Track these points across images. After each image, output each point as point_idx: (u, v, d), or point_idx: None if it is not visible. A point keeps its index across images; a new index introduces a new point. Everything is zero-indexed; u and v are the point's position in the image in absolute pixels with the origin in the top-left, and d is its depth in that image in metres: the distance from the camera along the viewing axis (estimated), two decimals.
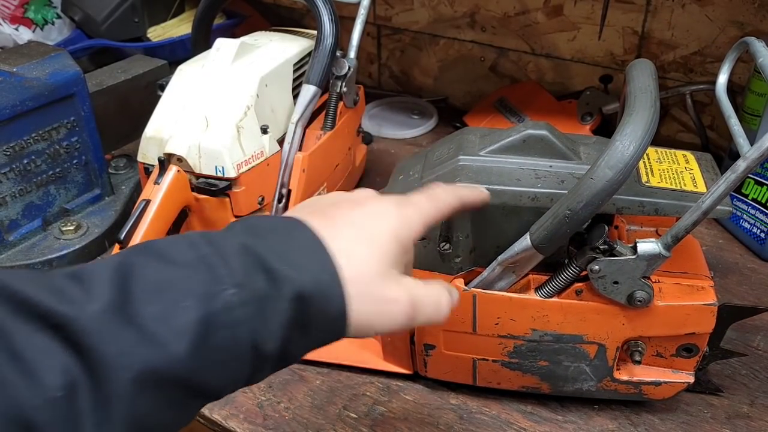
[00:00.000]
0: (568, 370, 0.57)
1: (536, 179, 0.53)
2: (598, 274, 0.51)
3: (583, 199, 0.46)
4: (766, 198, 0.76)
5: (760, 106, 0.77)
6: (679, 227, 0.48)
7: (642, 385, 0.57)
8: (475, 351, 0.58)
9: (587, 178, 0.46)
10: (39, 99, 0.73)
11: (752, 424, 0.58)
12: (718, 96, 0.58)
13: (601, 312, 0.54)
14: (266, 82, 0.70)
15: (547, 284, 0.54)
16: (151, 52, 1.06)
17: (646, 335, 0.55)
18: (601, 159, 0.46)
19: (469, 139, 0.58)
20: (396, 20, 1.13)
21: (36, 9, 1.08)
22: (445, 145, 0.60)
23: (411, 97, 1.17)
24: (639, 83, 0.50)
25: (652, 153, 0.59)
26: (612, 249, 0.51)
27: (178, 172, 0.64)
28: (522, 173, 0.54)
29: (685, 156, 0.59)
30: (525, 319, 0.55)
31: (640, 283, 0.51)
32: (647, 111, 0.47)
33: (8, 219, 0.75)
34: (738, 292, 0.72)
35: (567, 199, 0.47)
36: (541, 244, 0.50)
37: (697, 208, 0.47)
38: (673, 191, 0.53)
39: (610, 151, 0.46)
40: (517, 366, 0.58)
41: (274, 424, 0.59)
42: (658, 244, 0.50)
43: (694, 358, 0.56)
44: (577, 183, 0.47)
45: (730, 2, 0.86)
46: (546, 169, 0.54)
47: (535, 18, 1.01)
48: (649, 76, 0.51)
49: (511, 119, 0.99)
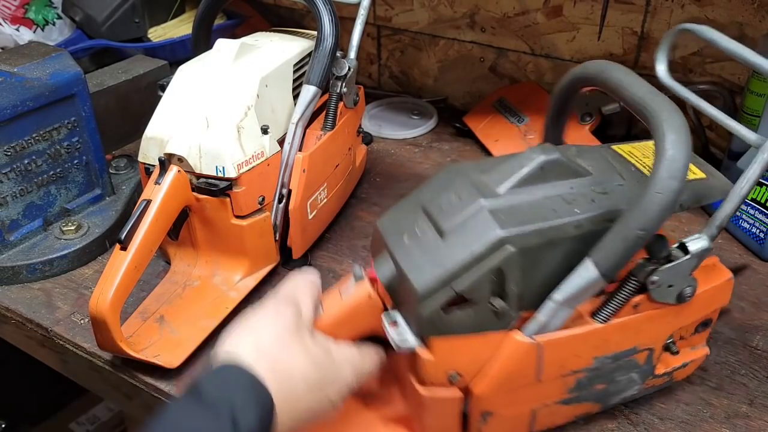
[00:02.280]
0: (620, 383, 0.56)
1: (568, 205, 0.50)
2: (657, 284, 0.50)
3: (655, 215, 0.45)
4: (765, 198, 0.76)
5: (759, 106, 0.78)
6: (721, 217, 0.49)
7: (673, 372, 0.58)
8: (536, 400, 0.54)
9: (652, 193, 0.45)
10: (40, 99, 0.73)
11: (751, 423, 0.58)
12: (663, 83, 0.59)
13: (654, 318, 0.53)
14: (266, 82, 0.70)
15: (604, 308, 0.52)
16: (152, 52, 1.07)
17: (684, 325, 0.55)
18: (659, 171, 0.45)
19: (474, 178, 0.53)
20: (396, 21, 1.13)
21: (37, 9, 1.08)
22: (443, 190, 0.53)
23: (411, 97, 1.17)
24: (639, 88, 0.50)
25: (635, 151, 0.58)
26: (669, 256, 0.50)
27: (178, 172, 0.64)
28: (553, 203, 0.50)
29: None
30: (588, 350, 0.52)
31: (690, 280, 0.52)
32: (675, 112, 0.47)
33: (9, 219, 0.75)
34: (738, 292, 0.72)
35: (633, 220, 0.46)
36: (610, 271, 0.47)
37: (736, 195, 0.48)
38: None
39: (666, 162, 0.45)
40: (575, 399, 0.55)
41: None
42: (705, 238, 0.50)
43: (707, 330, 0.57)
44: (637, 200, 0.46)
45: (729, 2, 0.86)
46: (569, 191, 0.51)
47: (535, 18, 1.01)
48: (637, 77, 0.51)
49: (511, 119, 0.99)
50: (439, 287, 0.48)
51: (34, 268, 0.75)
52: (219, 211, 0.68)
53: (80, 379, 0.73)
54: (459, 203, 0.51)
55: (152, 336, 0.64)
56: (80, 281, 0.76)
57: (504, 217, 0.49)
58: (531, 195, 0.51)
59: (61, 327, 0.69)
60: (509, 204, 0.50)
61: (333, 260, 0.79)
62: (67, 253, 0.76)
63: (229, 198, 0.67)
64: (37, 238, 0.78)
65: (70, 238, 0.78)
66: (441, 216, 0.51)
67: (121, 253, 0.60)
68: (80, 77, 0.77)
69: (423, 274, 0.48)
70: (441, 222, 0.51)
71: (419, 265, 0.49)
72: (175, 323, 0.66)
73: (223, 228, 0.69)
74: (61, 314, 0.71)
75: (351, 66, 0.77)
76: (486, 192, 0.51)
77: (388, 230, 0.54)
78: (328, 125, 0.77)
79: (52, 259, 0.76)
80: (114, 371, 0.65)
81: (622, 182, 0.53)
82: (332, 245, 0.81)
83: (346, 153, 0.82)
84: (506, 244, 0.48)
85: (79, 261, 0.77)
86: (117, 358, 0.65)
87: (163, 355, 0.62)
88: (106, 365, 0.66)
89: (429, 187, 0.55)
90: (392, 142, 1.04)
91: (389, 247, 0.52)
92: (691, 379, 0.62)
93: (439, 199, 0.53)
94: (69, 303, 0.72)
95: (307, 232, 0.76)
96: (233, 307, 0.69)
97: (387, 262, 0.53)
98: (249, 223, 0.69)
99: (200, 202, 0.67)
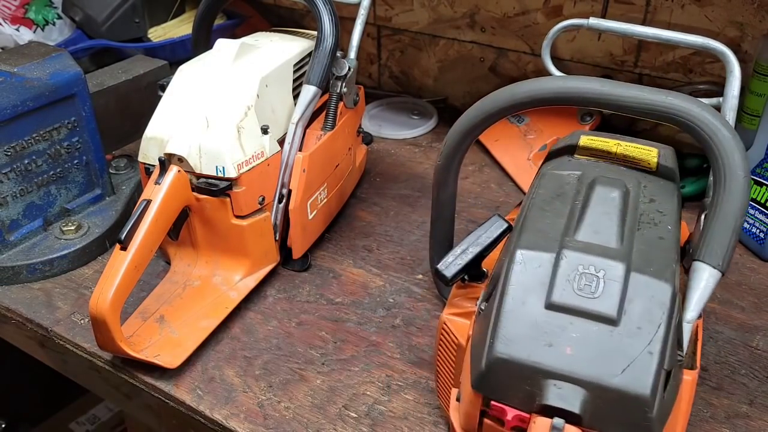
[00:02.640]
0: None
1: (656, 226, 0.48)
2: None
3: (747, 197, 0.47)
4: (765, 198, 0.76)
5: (760, 106, 0.78)
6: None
7: None
8: None
9: (737, 177, 0.46)
10: (40, 99, 0.73)
11: (752, 423, 0.58)
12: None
13: None
14: (267, 82, 0.70)
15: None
16: (152, 52, 1.07)
17: None
18: (733, 155, 0.46)
19: (577, 246, 0.46)
20: (396, 21, 1.13)
21: (37, 9, 1.08)
22: (561, 277, 0.44)
23: (411, 97, 1.17)
24: (642, 93, 0.50)
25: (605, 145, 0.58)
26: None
27: (178, 172, 0.64)
28: (651, 233, 0.47)
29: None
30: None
31: None
32: (694, 100, 0.48)
33: (9, 219, 0.75)
34: (738, 292, 0.73)
35: (732, 208, 0.46)
36: (728, 265, 0.47)
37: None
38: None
39: (727, 145, 0.47)
40: None
41: (274, 424, 0.59)
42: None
43: None
44: (723, 189, 0.47)
45: (729, 2, 0.86)
46: (643, 212, 0.50)
47: (535, 18, 1.01)
48: (618, 83, 0.51)
49: (511, 120, 1.00)
50: (658, 378, 0.41)
51: (34, 268, 0.75)
52: (219, 211, 0.68)
53: (80, 379, 0.73)
54: (598, 280, 0.43)
55: (152, 336, 0.64)
56: (80, 281, 0.76)
57: (652, 268, 0.44)
58: (635, 233, 0.47)
59: (61, 327, 0.69)
60: (636, 251, 0.45)
61: (333, 260, 0.79)
62: (67, 253, 0.76)
63: (229, 198, 0.67)
64: (37, 238, 0.78)
65: (70, 238, 0.78)
66: (591, 303, 0.42)
67: (121, 253, 0.61)
68: (80, 77, 0.77)
69: (635, 375, 0.40)
70: (596, 308, 0.42)
71: (617, 369, 0.41)
72: (175, 323, 0.66)
73: (223, 228, 0.69)
74: (61, 314, 0.71)
75: (351, 66, 0.78)
76: (611, 254, 0.44)
77: (525, 352, 0.42)
78: (328, 125, 0.77)
79: (52, 259, 0.76)
80: (114, 371, 0.65)
81: (645, 183, 0.52)
82: (332, 245, 0.81)
83: (346, 153, 0.82)
84: (677, 293, 0.43)
85: (79, 261, 0.77)
86: (117, 358, 0.65)
87: (163, 355, 0.62)
88: (106, 365, 0.66)
89: (528, 281, 0.44)
90: (392, 142, 1.04)
91: (555, 368, 0.42)
92: None
93: (566, 286, 0.43)
94: (69, 303, 0.73)
95: (307, 232, 0.76)
96: (233, 307, 0.69)
97: (559, 388, 0.41)
98: (249, 223, 0.69)
99: (200, 202, 0.67)
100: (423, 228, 0.84)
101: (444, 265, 0.51)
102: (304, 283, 0.75)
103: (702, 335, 0.53)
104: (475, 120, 0.54)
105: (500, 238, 0.52)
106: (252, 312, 0.71)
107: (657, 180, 0.53)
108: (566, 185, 0.51)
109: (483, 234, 0.52)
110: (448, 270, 0.51)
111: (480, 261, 0.52)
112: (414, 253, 0.79)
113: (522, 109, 0.53)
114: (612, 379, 0.40)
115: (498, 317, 0.43)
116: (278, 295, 0.73)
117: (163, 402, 0.63)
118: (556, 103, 0.52)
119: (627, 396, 0.40)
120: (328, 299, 0.73)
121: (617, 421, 0.40)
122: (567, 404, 0.40)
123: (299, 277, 0.76)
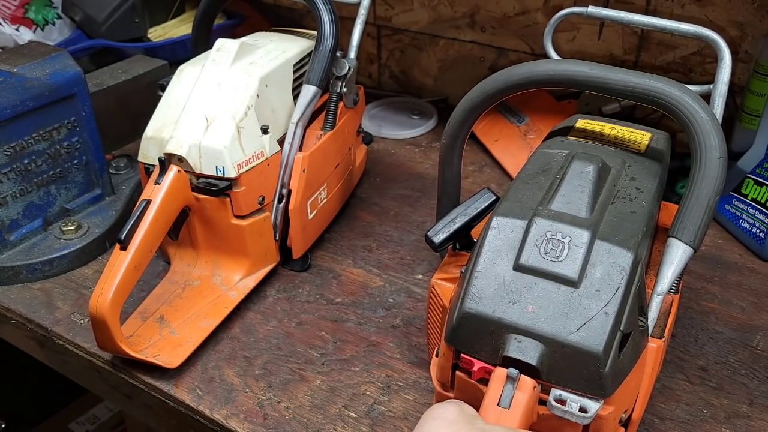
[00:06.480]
0: None
1: (632, 201, 0.50)
2: None
3: (722, 177, 0.48)
4: (765, 198, 0.76)
5: (759, 106, 0.78)
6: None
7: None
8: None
9: (714, 159, 0.48)
10: (40, 99, 0.73)
11: (752, 423, 0.58)
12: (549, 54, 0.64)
13: None
14: (266, 82, 0.70)
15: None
16: (152, 52, 1.07)
17: None
18: (709, 137, 0.48)
19: (549, 215, 0.48)
20: (396, 20, 1.13)
21: (37, 9, 1.08)
22: (530, 241, 0.46)
23: (411, 97, 1.17)
24: (625, 76, 0.52)
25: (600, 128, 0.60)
26: None
27: (178, 172, 0.64)
28: (625, 205, 0.50)
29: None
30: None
31: None
32: (680, 86, 0.50)
33: (9, 219, 0.75)
34: (738, 292, 0.73)
35: (706, 188, 0.48)
36: (700, 242, 0.49)
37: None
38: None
39: (704, 127, 0.48)
40: None
41: (274, 424, 0.59)
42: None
43: None
44: (699, 169, 0.48)
45: (729, 2, 0.86)
46: (621, 189, 0.51)
47: (535, 18, 1.01)
48: (603, 66, 0.53)
49: (511, 119, 0.99)
50: (612, 337, 0.42)
51: (34, 268, 0.75)
52: (219, 211, 0.68)
53: (80, 379, 0.73)
54: (563, 245, 0.45)
55: (152, 336, 0.64)
56: (80, 281, 0.76)
57: (617, 237, 0.45)
58: (608, 206, 0.49)
59: (61, 327, 0.69)
60: (605, 222, 0.47)
61: (333, 260, 0.79)
62: (67, 253, 0.76)
63: (229, 198, 0.67)
64: (37, 238, 0.78)
65: (70, 238, 0.78)
66: (555, 266, 0.45)
67: (121, 253, 0.61)
68: (80, 77, 0.77)
69: (589, 333, 0.42)
70: (559, 271, 0.44)
71: (573, 327, 0.43)
72: (175, 323, 0.66)
73: (223, 228, 0.69)
74: (61, 314, 0.71)
75: (351, 66, 0.78)
76: (578, 222, 0.46)
77: (491, 308, 0.45)
78: (328, 125, 0.77)
79: (52, 259, 0.76)
80: (114, 371, 0.65)
81: (630, 163, 0.55)
82: (332, 245, 0.81)
83: (346, 153, 0.82)
84: (639, 261, 0.45)
85: (79, 261, 0.77)
86: (117, 358, 0.65)
87: (163, 355, 0.62)
88: (106, 365, 0.66)
89: (500, 245, 0.47)
90: (392, 142, 1.04)
91: (517, 323, 0.44)
92: (691, 379, 0.62)
93: (533, 250, 0.46)
94: (69, 303, 0.73)
95: (307, 232, 0.76)
96: (233, 307, 0.69)
97: (519, 342, 0.44)
98: (249, 223, 0.69)
99: (200, 202, 0.67)
100: (423, 228, 0.84)
101: (433, 232, 0.54)
102: (304, 283, 0.75)
103: (676, 310, 0.55)
104: (477, 100, 0.57)
105: (488, 209, 0.54)
106: (252, 312, 0.71)
107: (643, 161, 0.55)
108: (552, 162, 0.54)
109: (471, 205, 0.55)
110: (437, 237, 0.54)
111: (468, 230, 0.55)
112: (414, 253, 0.79)
113: (519, 90, 0.56)
114: (568, 336, 0.43)
115: (470, 277, 0.46)
116: (278, 295, 0.73)
117: (163, 402, 0.63)
118: (549, 84, 0.55)
119: (581, 351, 0.42)
120: (328, 299, 0.73)
121: (572, 375, 0.43)
122: (525, 356, 0.43)
123: (299, 277, 0.76)
